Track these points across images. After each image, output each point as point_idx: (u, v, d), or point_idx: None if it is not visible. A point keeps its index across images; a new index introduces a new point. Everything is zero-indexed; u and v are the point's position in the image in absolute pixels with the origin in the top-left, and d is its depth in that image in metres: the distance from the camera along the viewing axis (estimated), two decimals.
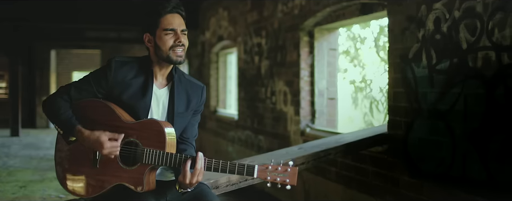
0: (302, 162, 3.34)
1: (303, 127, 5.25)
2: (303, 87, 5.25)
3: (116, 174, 2.32)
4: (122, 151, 2.32)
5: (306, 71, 5.24)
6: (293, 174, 2.22)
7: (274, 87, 5.92)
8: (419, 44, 3.42)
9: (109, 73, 2.38)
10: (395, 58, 3.70)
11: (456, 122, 3.12)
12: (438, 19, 3.23)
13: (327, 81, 5.22)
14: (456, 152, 3.12)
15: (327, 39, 5.21)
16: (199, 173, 2.27)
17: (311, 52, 5.22)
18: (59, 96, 2.41)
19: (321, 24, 5.01)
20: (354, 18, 4.43)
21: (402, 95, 3.63)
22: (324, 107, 5.23)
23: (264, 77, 6.23)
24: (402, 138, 3.62)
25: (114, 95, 2.39)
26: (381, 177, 3.88)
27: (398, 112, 3.68)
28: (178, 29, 2.38)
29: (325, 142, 3.75)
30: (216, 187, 2.96)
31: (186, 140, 2.55)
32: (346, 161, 4.36)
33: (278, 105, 5.84)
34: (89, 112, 2.40)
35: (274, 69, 5.92)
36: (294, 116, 5.40)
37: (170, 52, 2.36)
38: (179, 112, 2.45)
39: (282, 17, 5.68)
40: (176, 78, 2.48)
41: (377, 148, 3.91)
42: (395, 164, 3.70)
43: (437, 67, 3.26)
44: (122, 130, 2.33)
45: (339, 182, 4.51)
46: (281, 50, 5.70)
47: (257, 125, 6.51)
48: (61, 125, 2.35)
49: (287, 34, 5.53)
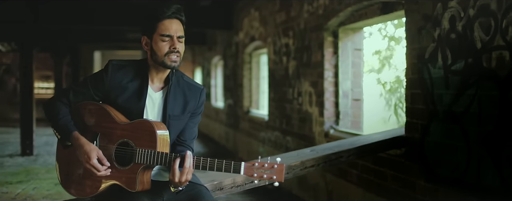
0: (312, 165, 3.28)
1: (327, 129, 5.17)
2: (327, 88, 5.17)
3: (112, 174, 2.36)
4: (117, 152, 2.36)
5: (330, 72, 5.16)
6: (280, 170, 2.18)
7: (301, 87, 5.87)
8: (435, 44, 3.29)
9: (106, 76, 2.42)
10: (412, 58, 3.58)
11: (470, 125, 2.98)
12: (453, 17, 3.11)
13: (352, 82, 5.12)
14: (470, 157, 2.99)
15: (351, 39, 5.11)
16: (188, 172, 2.28)
17: (336, 53, 5.14)
18: (59, 99, 2.47)
19: (345, 24, 4.92)
20: (376, 17, 4.32)
21: (419, 96, 3.51)
22: (348, 108, 5.13)
23: (292, 77, 6.18)
24: (419, 141, 3.50)
25: (110, 98, 2.43)
26: (399, 181, 3.76)
27: (415, 114, 3.56)
28: (175, 36, 2.37)
29: (339, 145, 3.67)
30: (220, 189, 2.95)
31: (183, 142, 2.56)
32: (367, 164, 4.26)
33: (304, 106, 5.78)
34: (85, 114, 2.45)
35: (301, 69, 5.86)
36: (319, 117, 5.32)
37: (165, 58, 2.37)
38: (174, 115, 2.46)
39: (307, 17, 5.62)
40: (174, 81, 2.49)
41: (395, 151, 3.80)
42: (412, 168, 3.58)
43: (452, 67, 3.13)
44: (115, 131, 2.37)
45: (360, 185, 4.41)
46: (307, 51, 5.64)
47: (285, 126, 6.47)
48: (59, 129, 2.40)
49: (312, 34, 5.47)
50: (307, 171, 3.27)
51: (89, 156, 2.28)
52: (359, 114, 5.16)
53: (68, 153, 2.47)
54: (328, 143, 3.95)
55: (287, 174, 3.18)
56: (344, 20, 4.90)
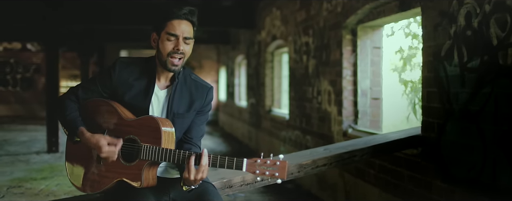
0: (324, 164, 3.25)
1: (346, 128, 5.11)
2: (345, 86, 5.11)
3: (117, 171, 2.38)
4: (123, 148, 2.37)
5: (348, 70, 5.10)
6: (282, 168, 2.17)
7: (320, 86, 5.82)
8: (451, 41, 3.21)
9: (113, 73, 2.44)
10: (428, 56, 3.51)
11: (486, 124, 2.90)
12: (469, 13, 3.03)
13: (371, 80, 5.04)
14: (486, 157, 2.91)
15: (370, 37, 5.04)
16: (204, 170, 2.27)
17: (354, 51, 5.07)
18: (68, 96, 2.51)
19: (364, 21, 4.85)
20: (393, 15, 4.24)
21: (435, 95, 3.43)
22: (367, 108, 5.06)
23: (311, 76, 6.14)
24: (435, 141, 3.42)
25: (117, 95, 2.46)
26: (415, 181, 3.69)
27: (431, 113, 3.49)
28: (181, 36, 2.37)
29: (353, 144, 3.62)
30: (229, 187, 2.94)
31: (190, 140, 2.56)
32: (384, 164, 4.20)
33: (323, 105, 5.74)
34: (93, 111, 2.48)
35: (320, 68, 5.81)
36: (337, 116, 5.27)
37: (168, 59, 2.38)
38: (178, 113, 2.47)
39: (326, 15, 5.57)
40: (181, 79, 2.50)
41: (412, 151, 3.73)
42: (428, 168, 3.51)
43: (468, 65, 3.05)
44: (122, 127, 2.39)
45: (377, 185, 4.34)
46: (326, 49, 5.59)
47: (305, 125, 6.43)
48: (67, 125, 2.43)
49: (331, 33, 5.41)
50: (319, 170, 3.23)
51: (100, 145, 2.29)
52: (378, 113, 5.09)
53: (76, 149, 2.50)
54: (342, 142, 3.90)
55: (299, 173, 3.16)
56: (363, 18, 4.83)
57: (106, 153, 2.30)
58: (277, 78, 8.88)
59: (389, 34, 6.62)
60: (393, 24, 6.76)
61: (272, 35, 8.35)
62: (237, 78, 13.17)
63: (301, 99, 6.59)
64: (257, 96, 9.80)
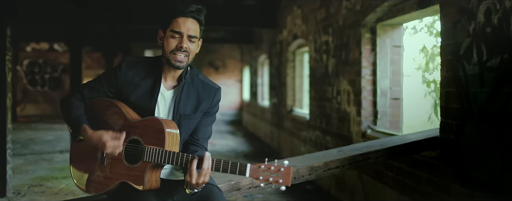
0: (337, 166, 3.15)
1: (364, 129, 4.99)
2: (364, 86, 4.99)
3: (121, 172, 2.34)
4: (127, 149, 2.34)
5: (367, 70, 4.98)
6: (287, 174, 2.09)
7: (339, 86, 5.71)
8: (470, 39, 3.08)
9: (119, 73, 2.41)
10: (447, 54, 3.37)
11: (506, 125, 2.76)
12: (489, 10, 2.89)
13: (391, 80, 4.91)
14: (506, 160, 2.77)
15: (390, 36, 4.90)
16: (206, 173, 2.22)
17: (373, 50, 4.95)
18: (73, 95, 2.48)
19: (383, 19, 4.72)
20: (413, 12, 4.11)
21: (453, 95, 3.30)
22: (387, 108, 4.93)
23: (331, 75, 6.03)
24: (453, 143, 3.29)
25: (123, 95, 2.42)
26: (433, 185, 3.56)
27: (449, 114, 3.35)
28: (185, 33, 2.33)
29: (368, 145, 3.52)
30: (238, 189, 2.88)
31: (196, 142, 2.50)
32: (402, 166, 4.07)
33: (342, 105, 5.62)
34: (98, 111, 2.45)
35: (339, 67, 5.70)
36: (356, 116, 5.15)
37: (171, 56, 2.33)
38: (185, 114, 2.42)
39: (346, 13, 5.45)
40: (188, 79, 2.45)
41: (430, 153, 3.60)
42: (447, 171, 3.37)
43: (487, 64, 2.92)
44: (126, 128, 2.35)
45: (395, 187, 4.22)
46: (345, 48, 5.48)
47: (325, 125, 6.32)
48: (71, 123, 2.41)
49: (350, 31, 5.30)
50: (331, 172, 3.14)
51: (103, 141, 2.25)
52: (398, 113, 4.95)
53: (80, 149, 2.48)
54: (357, 144, 3.79)
55: (310, 175, 3.07)
56: (382, 16, 4.70)
57: (111, 148, 2.26)
58: (298, 77, 8.79)
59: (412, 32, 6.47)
60: (417, 22, 6.60)
61: (293, 34, 8.25)
62: (260, 78, 13.11)
63: (321, 99, 6.48)
64: (279, 96, 9.72)
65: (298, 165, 3.06)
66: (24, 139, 11.38)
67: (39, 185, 6.42)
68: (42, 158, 8.67)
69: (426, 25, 6.79)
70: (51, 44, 16.77)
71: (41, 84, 17.79)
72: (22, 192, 6.06)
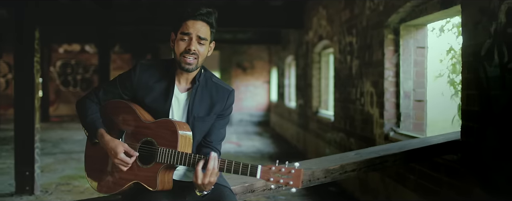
0: (353, 169, 3.12)
1: (387, 131, 4.92)
2: (387, 88, 4.92)
3: (134, 173, 2.38)
4: (141, 150, 2.37)
5: (390, 71, 4.90)
6: (297, 176, 2.08)
7: (363, 87, 5.64)
8: (491, 40, 2.99)
9: (134, 76, 2.45)
10: (468, 56, 3.29)
11: None
12: (510, 10, 2.81)
13: (414, 81, 4.82)
14: None
15: (414, 37, 4.81)
16: (211, 174, 2.23)
17: (397, 51, 4.87)
18: (89, 97, 2.54)
19: (406, 20, 4.64)
20: (436, 13, 4.03)
21: (474, 98, 3.21)
22: (410, 110, 4.84)
23: (355, 77, 5.96)
24: (475, 147, 3.20)
25: (138, 97, 2.46)
26: (455, 190, 3.48)
27: (470, 116, 3.27)
28: (194, 35, 2.35)
29: (387, 148, 3.46)
30: (251, 191, 2.87)
31: (210, 144, 2.52)
32: (423, 170, 3.99)
33: (366, 107, 5.55)
34: (113, 113, 2.49)
35: (363, 69, 5.64)
36: (379, 119, 5.08)
37: (181, 58, 2.36)
38: (198, 116, 2.44)
39: (369, 14, 5.38)
40: (201, 82, 2.48)
41: (452, 157, 3.52)
42: (468, 175, 3.29)
43: (509, 65, 2.83)
44: (140, 129, 2.39)
45: (416, 191, 4.14)
46: (368, 49, 5.41)
47: (349, 127, 6.26)
48: (87, 126, 2.46)
49: (373, 32, 5.23)
50: (348, 175, 3.11)
51: (116, 151, 2.31)
52: (422, 116, 4.86)
53: (94, 150, 2.52)
54: (375, 147, 3.74)
55: (325, 178, 3.04)
56: (405, 17, 4.63)
57: (119, 162, 2.31)
58: (324, 79, 8.73)
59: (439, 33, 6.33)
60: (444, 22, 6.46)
61: (318, 35, 8.21)
62: (287, 79, 13.08)
63: (346, 101, 6.42)
64: (305, 97, 9.67)
65: (313, 168, 3.04)
66: (55, 138, 11.65)
67: (66, 184, 6.56)
68: (71, 157, 8.86)
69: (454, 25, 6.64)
70: (82, 45, 17.12)
71: (73, 84, 18.18)
72: (50, 190, 6.20)
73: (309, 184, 3.00)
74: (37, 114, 5.86)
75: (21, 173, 5.80)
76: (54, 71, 17.85)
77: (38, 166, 5.98)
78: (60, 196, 5.92)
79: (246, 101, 16.85)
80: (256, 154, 9.80)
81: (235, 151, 10.19)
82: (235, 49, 16.15)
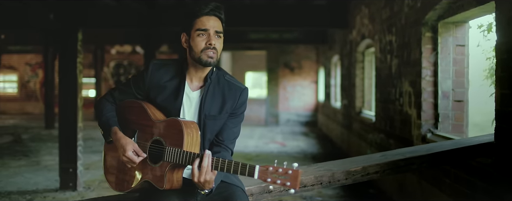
0: (376, 171, 3.02)
1: (425, 132, 4.75)
2: (425, 88, 4.74)
3: (144, 171, 2.41)
4: (151, 149, 2.40)
5: (428, 70, 4.73)
6: (295, 177, 2.02)
7: (402, 87, 5.47)
8: None
9: (146, 75, 2.49)
10: (502, 53, 3.12)
11: None
12: None
13: (453, 81, 4.63)
14: None
15: (453, 34, 4.61)
16: (206, 171, 2.22)
17: (435, 49, 4.69)
18: (106, 97, 2.60)
19: (444, 17, 4.46)
20: (473, 9, 3.85)
21: (509, 97, 3.04)
22: (449, 111, 4.65)
23: (394, 77, 5.80)
24: (509, 150, 3.03)
25: (150, 97, 2.49)
26: (488, 194, 3.31)
27: (505, 118, 3.09)
28: (211, 30, 2.37)
29: (414, 150, 3.33)
30: (268, 192, 2.84)
31: (221, 143, 2.51)
32: (459, 173, 3.82)
33: (404, 107, 5.39)
34: (126, 112, 2.54)
35: (402, 68, 5.47)
36: (417, 119, 4.91)
37: (202, 54, 2.37)
38: (210, 115, 2.44)
39: (407, 11, 5.22)
40: (214, 80, 2.48)
41: (486, 160, 3.35)
42: (502, 180, 3.12)
43: None
44: (150, 129, 2.42)
45: (451, 195, 3.97)
46: (407, 48, 5.24)
47: (389, 128, 6.09)
48: (102, 125, 2.51)
49: (411, 30, 5.06)
50: (370, 177, 3.01)
51: (125, 149, 2.34)
52: (462, 117, 4.65)
53: (110, 148, 2.57)
54: (404, 148, 3.61)
55: (346, 180, 2.97)
56: (443, 14, 4.45)
57: (126, 159, 2.35)
58: (367, 78, 8.55)
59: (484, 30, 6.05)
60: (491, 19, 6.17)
61: (361, 34, 8.05)
62: (332, 79, 12.91)
63: (386, 101, 6.26)
64: (349, 97, 9.51)
65: (334, 169, 2.97)
66: None
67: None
68: None
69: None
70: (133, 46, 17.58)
71: None
72: (92, 187, 6.39)
73: (329, 186, 2.94)
74: (80, 113, 6.06)
75: (64, 169, 6.02)
76: (107, 72, 18.44)
77: (81, 163, 6.18)
78: (102, 192, 6.09)
79: (293, 101, 16.77)
80: (299, 154, 9.74)
81: (278, 151, 10.16)
82: (283, 49, 16.10)
